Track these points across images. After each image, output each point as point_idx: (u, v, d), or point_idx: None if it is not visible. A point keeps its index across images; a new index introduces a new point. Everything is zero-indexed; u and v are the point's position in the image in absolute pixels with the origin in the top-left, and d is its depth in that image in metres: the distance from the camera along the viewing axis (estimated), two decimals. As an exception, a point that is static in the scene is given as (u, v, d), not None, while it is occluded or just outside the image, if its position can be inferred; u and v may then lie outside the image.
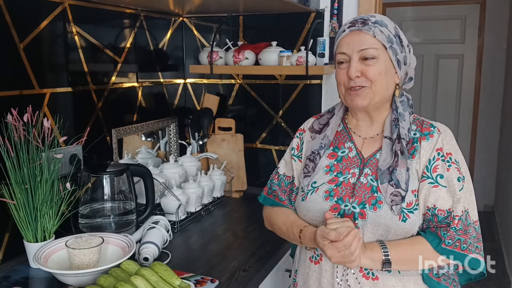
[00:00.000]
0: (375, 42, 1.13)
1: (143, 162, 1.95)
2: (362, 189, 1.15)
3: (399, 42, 1.16)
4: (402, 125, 1.17)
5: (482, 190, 4.88)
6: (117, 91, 1.89)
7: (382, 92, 1.16)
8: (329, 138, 1.25)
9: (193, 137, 2.18)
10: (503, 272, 3.44)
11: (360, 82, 1.14)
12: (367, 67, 1.13)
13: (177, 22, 2.26)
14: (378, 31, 1.13)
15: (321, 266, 1.20)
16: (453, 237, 1.10)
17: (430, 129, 1.17)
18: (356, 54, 1.14)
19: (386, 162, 1.15)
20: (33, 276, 1.33)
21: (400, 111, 1.19)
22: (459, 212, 1.11)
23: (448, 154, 1.15)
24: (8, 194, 1.31)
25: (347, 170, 1.20)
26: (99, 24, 1.80)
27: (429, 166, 1.14)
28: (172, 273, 1.21)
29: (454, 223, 1.10)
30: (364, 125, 1.24)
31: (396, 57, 1.15)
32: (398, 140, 1.16)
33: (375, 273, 1.13)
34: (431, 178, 1.13)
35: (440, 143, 1.15)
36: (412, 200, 1.12)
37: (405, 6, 4.89)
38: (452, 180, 1.13)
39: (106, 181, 1.54)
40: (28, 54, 1.46)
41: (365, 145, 1.22)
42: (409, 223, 1.11)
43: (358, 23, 1.15)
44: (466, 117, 4.89)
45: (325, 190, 1.18)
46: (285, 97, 2.17)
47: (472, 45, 4.76)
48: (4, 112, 1.32)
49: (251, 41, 2.16)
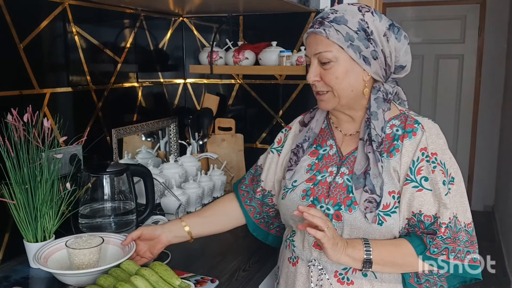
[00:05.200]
0: (329, 44, 1.06)
1: (143, 162, 1.95)
2: (338, 189, 1.10)
3: (365, 37, 1.06)
4: (374, 125, 1.09)
5: (482, 190, 4.89)
6: (117, 91, 1.89)
7: (345, 95, 1.10)
8: (314, 131, 1.21)
9: (193, 137, 2.18)
10: (503, 272, 3.44)
11: (320, 86, 1.11)
12: (324, 72, 1.09)
13: (177, 22, 2.26)
14: (333, 31, 1.06)
15: (296, 269, 1.16)
16: (439, 245, 1.03)
17: (414, 126, 1.09)
18: (314, 57, 1.09)
19: (361, 165, 1.09)
20: (33, 276, 1.33)
21: (373, 109, 1.10)
22: (446, 219, 1.04)
23: (433, 155, 1.06)
24: (8, 194, 1.30)
25: (325, 168, 1.16)
26: (99, 24, 1.80)
27: (412, 168, 1.06)
28: (172, 273, 1.20)
29: (441, 232, 1.03)
30: (345, 122, 1.19)
31: (361, 54, 1.06)
32: (368, 142, 1.09)
33: (350, 277, 1.09)
34: (415, 181, 1.05)
35: (424, 142, 1.07)
36: (389, 202, 1.06)
37: (405, 6, 4.89)
38: (437, 183, 1.05)
39: (106, 181, 1.54)
40: (28, 54, 1.46)
41: (345, 142, 1.18)
42: (386, 226, 1.05)
43: (316, 23, 1.09)
44: (466, 117, 4.89)
45: (303, 189, 1.15)
46: (285, 97, 2.17)
47: (472, 45, 4.76)
48: (4, 112, 1.31)
49: (251, 41, 2.16)
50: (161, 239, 1.25)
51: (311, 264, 1.12)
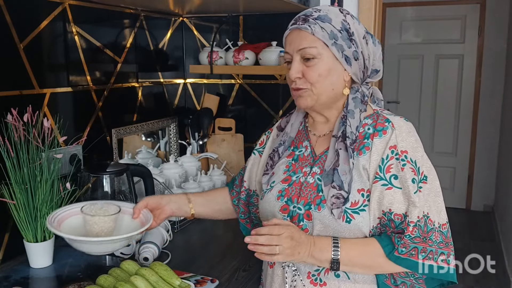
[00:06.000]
0: (314, 40, 1.06)
1: (143, 162, 1.95)
2: (308, 189, 1.10)
3: (347, 37, 1.07)
4: (349, 122, 1.09)
5: (482, 190, 4.89)
6: (117, 91, 1.89)
7: (326, 93, 1.09)
8: (290, 135, 1.21)
9: (193, 137, 2.18)
10: (503, 272, 3.44)
11: (301, 83, 1.09)
12: (307, 68, 1.08)
13: (177, 22, 2.26)
14: (318, 28, 1.06)
15: (274, 271, 1.16)
16: (407, 245, 1.01)
17: (384, 124, 1.09)
18: (297, 54, 1.09)
19: (330, 162, 1.09)
20: (33, 276, 1.33)
21: (351, 108, 1.10)
22: (415, 218, 1.02)
23: (403, 152, 1.05)
24: (8, 194, 1.31)
25: (300, 168, 1.16)
26: (99, 24, 1.80)
27: (382, 166, 1.05)
28: (172, 273, 1.21)
29: (409, 230, 1.01)
30: (319, 123, 1.18)
31: (343, 53, 1.07)
32: (341, 138, 1.09)
33: (322, 279, 1.08)
34: (384, 179, 1.04)
35: (394, 140, 1.06)
36: (357, 199, 1.05)
37: (405, 6, 4.89)
38: (406, 181, 1.03)
39: (106, 181, 1.54)
40: (28, 54, 1.46)
41: (318, 142, 1.17)
42: (354, 224, 1.04)
43: (299, 20, 1.09)
44: (466, 117, 4.89)
45: (278, 190, 1.15)
46: (285, 97, 2.17)
47: (472, 45, 4.76)
48: (4, 112, 1.32)
49: (251, 41, 2.16)
50: (165, 209, 1.24)
51: (285, 265, 1.12)
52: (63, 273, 1.34)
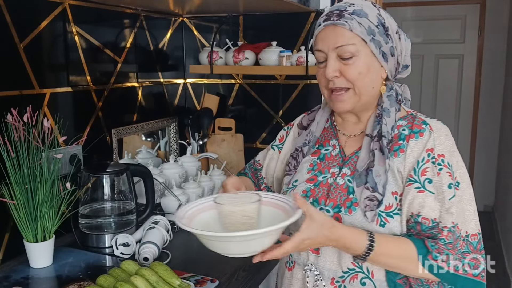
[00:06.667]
0: (352, 37, 1.00)
1: (143, 162, 1.95)
2: (338, 191, 1.05)
3: (384, 32, 1.02)
4: (385, 121, 1.04)
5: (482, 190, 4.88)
6: (117, 91, 1.89)
7: (367, 92, 1.04)
8: (315, 134, 1.16)
9: (193, 137, 2.18)
10: (503, 272, 3.44)
11: (340, 83, 1.03)
12: (345, 67, 1.01)
13: (177, 22, 2.26)
14: (355, 23, 1.00)
15: (292, 274, 1.13)
16: (441, 250, 0.96)
17: (422, 126, 1.04)
18: (333, 51, 1.01)
19: (364, 162, 1.04)
20: (33, 276, 1.32)
21: (386, 106, 1.06)
22: (449, 223, 0.98)
23: (440, 156, 1.01)
24: (8, 194, 1.30)
25: (327, 169, 1.10)
26: (99, 24, 1.80)
27: (417, 169, 1.01)
28: (172, 273, 1.21)
29: (443, 235, 0.97)
30: (350, 123, 1.13)
31: (381, 49, 1.02)
32: (377, 138, 1.04)
33: (347, 286, 1.03)
34: (418, 182, 1.00)
35: (431, 143, 1.02)
36: (391, 203, 1.00)
37: (405, 6, 4.89)
38: (442, 186, 0.99)
39: (106, 181, 1.54)
40: (28, 54, 1.46)
41: (348, 143, 1.12)
42: (388, 228, 0.99)
43: (333, 16, 1.01)
44: (466, 117, 4.89)
45: (302, 190, 1.09)
46: (285, 97, 2.17)
47: (472, 45, 4.76)
48: (4, 112, 1.31)
49: (251, 41, 2.16)
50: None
51: (308, 269, 1.08)
52: (63, 273, 1.34)
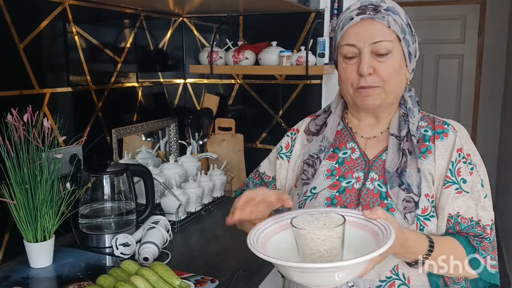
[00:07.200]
0: (389, 33, 0.97)
1: (143, 162, 1.94)
2: (369, 196, 0.99)
3: (411, 32, 1.01)
4: (412, 121, 1.02)
5: (482, 190, 4.88)
6: (117, 91, 1.89)
7: (395, 91, 1.02)
8: (329, 140, 1.09)
9: (193, 137, 2.18)
10: (503, 272, 3.44)
11: (372, 81, 0.98)
12: (380, 64, 0.97)
13: (177, 22, 2.26)
14: (392, 20, 0.97)
15: None
16: (486, 248, 0.96)
17: (444, 127, 1.04)
18: (368, 47, 0.97)
19: (394, 162, 1.00)
20: (33, 276, 1.32)
21: (410, 106, 1.04)
22: (489, 221, 0.98)
23: (468, 156, 1.01)
24: (8, 194, 1.30)
25: (350, 173, 1.04)
26: (99, 24, 1.80)
27: (452, 170, 0.99)
28: (172, 273, 1.21)
29: (487, 233, 0.97)
30: (367, 125, 1.09)
31: (408, 49, 1.01)
32: (407, 138, 1.00)
33: None
34: (457, 183, 0.98)
35: (459, 143, 1.01)
36: (427, 205, 0.97)
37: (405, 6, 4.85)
38: (476, 185, 0.99)
39: (106, 181, 1.55)
40: (28, 54, 1.46)
41: (369, 145, 1.07)
42: (427, 231, 0.96)
43: (369, 10, 0.97)
44: (466, 117, 4.88)
45: (326, 197, 1.02)
46: (285, 97, 2.17)
47: (472, 45, 4.76)
48: (4, 112, 1.31)
49: (251, 41, 2.16)
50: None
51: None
52: (63, 273, 1.34)
